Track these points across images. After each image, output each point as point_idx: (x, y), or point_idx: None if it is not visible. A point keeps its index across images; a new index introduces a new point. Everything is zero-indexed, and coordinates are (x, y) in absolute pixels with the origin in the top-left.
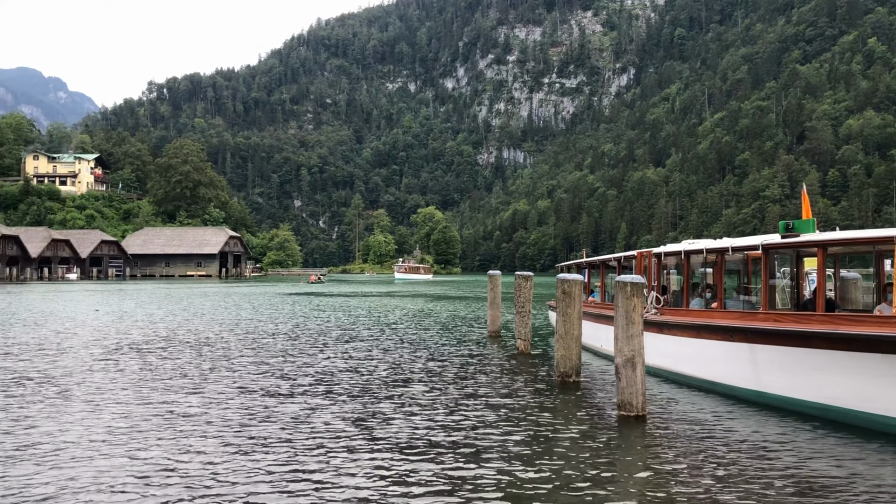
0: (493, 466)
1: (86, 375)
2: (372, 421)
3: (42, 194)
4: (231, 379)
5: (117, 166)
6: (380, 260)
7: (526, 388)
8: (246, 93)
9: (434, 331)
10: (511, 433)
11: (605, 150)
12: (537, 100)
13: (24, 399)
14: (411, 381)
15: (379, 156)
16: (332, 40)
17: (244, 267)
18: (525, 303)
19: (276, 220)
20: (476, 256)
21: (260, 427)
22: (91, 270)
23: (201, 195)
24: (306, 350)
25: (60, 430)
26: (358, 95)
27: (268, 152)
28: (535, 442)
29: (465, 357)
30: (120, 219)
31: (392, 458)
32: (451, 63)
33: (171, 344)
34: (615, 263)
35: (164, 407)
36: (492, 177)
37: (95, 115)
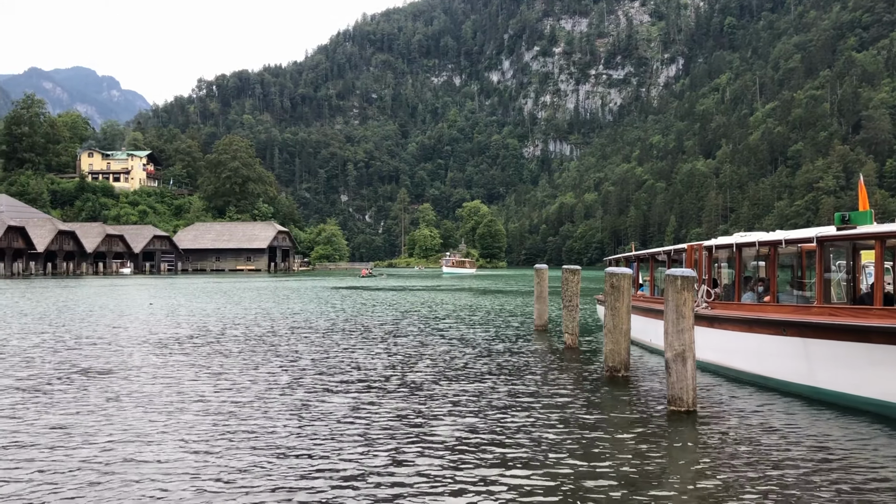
0: (541, 462)
1: (141, 368)
2: (419, 417)
3: (97, 191)
4: (281, 374)
5: (169, 163)
6: (425, 254)
7: (574, 383)
8: (293, 89)
9: (481, 325)
10: (559, 428)
11: (654, 141)
12: (584, 92)
13: (83, 392)
14: (458, 376)
15: (424, 150)
16: (377, 35)
17: (292, 261)
18: (572, 297)
19: (323, 215)
20: (522, 250)
21: (307, 423)
22: (144, 265)
23: (250, 190)
24: (356, 345)
25: (117, 424)
26: (403, 90)
27: (315, 148)
28: (583, 437)
29: (512, 351)
30: (171, 214)
31: (439, 454)
32: (497, 56)
33: (224, 338)
34: (664, 257)
35: (216, 401)
36: (538, 170)
37: (147, 113)
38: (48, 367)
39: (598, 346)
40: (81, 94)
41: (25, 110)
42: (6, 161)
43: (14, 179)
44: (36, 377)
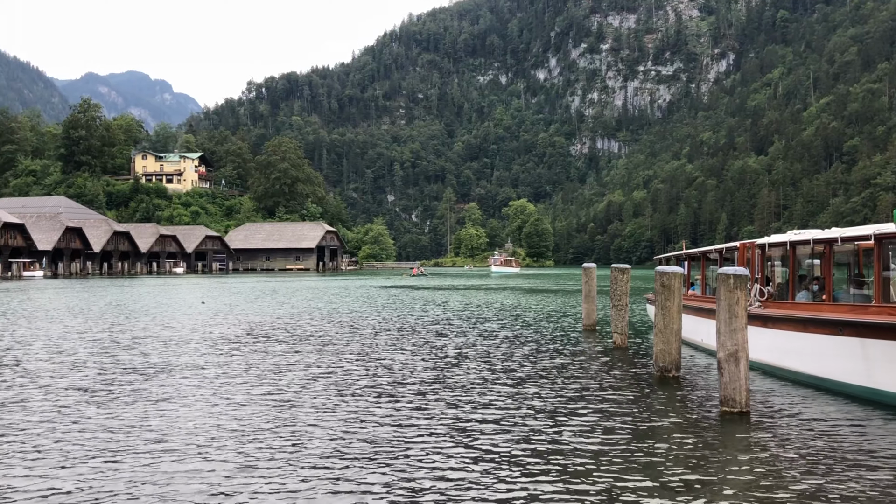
0: (590, 464)
1: (194, 367)
2: (467, 419)
3: (150, 192)
4: (330, 374)
5: (220, 164)
6: (471, 253)
7: (623, 383)
8: (340, 90)
9: (529, 325)
10: (608, 429)
11: (704, 138)
12: (632, 88)
13: (137, 391)
14: (507, 377)
15: (470, 149)
16: (423, 35)
17: (340, 260)
18: (622, 296)
19: (371, 215)
20: (569, 249)
21: (356, 424)
22: (196, 265)
23: (299, 191)
24: (405, 345)
25: (169, 422)
26: (449, 89)
27: (362, 148)
28: (634, 439)
29: (561, 351)
30: (223, 215)
31: (486, 457)
32: (543, 54)
33: (274, 337)
34: (716, 255)
35: (266, 400)
36: (585, 168)
37: (199, 116)
38: (104, 366)
39: (647, 346)
40: (135, 98)
41: (82, 114)
42: (64, 164)
43: (72, 182)
44: (92, 376)
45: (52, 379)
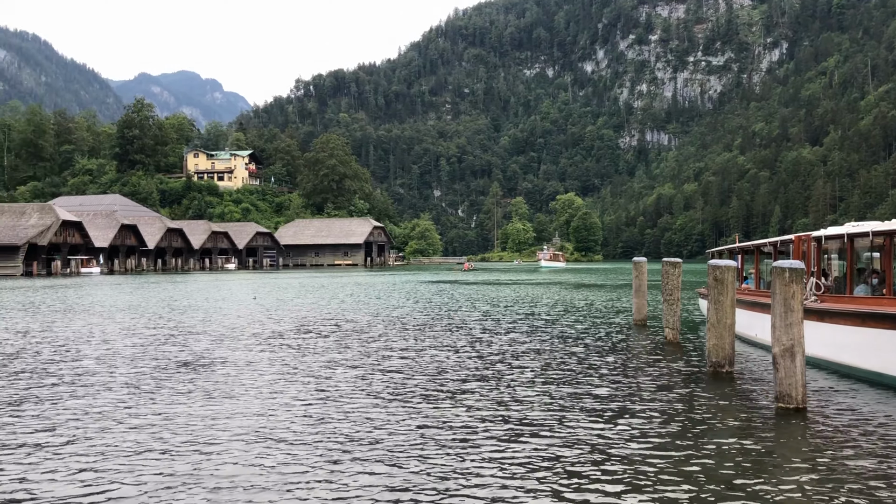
0: (642, 462)
1: (248, 361)
2: (516, 414)
3: (202, 189)
4: (378, 370)
5: (269, 162)
6: (518, 248)
7: (676, 379)
8: (387, 86)
9: (578, 320)
10: (661, 425)
11: (756, 129)
12: (682, 79)
13: (190, 385)
14: (556, 373)
15: (517, 143)
16: (469, 30)
17: (387, 256)
18: (673, 290)
19: (417, 210)
20: (618, 243)
21: (403, 421)
22: (247, 260)
23: (347, 187)
24: (454, 341)
25: (221, 415)
26: (495, 83)
27: (408, 144)
28: (687, 435)
29: (611, 347)
30: (273, 211)
31: (537, 452)
32: (591, 46)
33: (324, 332)
34: (770, 248)
35: (319, 396)
36: (634, 161)
37: (248, 114)
38: (159, 361)
39: (700, 341)
40: (187, 97)
41: (136, 114)
42: (119, 163)
43: (126, 180)
44: (147, 370)
45: (108, 373)
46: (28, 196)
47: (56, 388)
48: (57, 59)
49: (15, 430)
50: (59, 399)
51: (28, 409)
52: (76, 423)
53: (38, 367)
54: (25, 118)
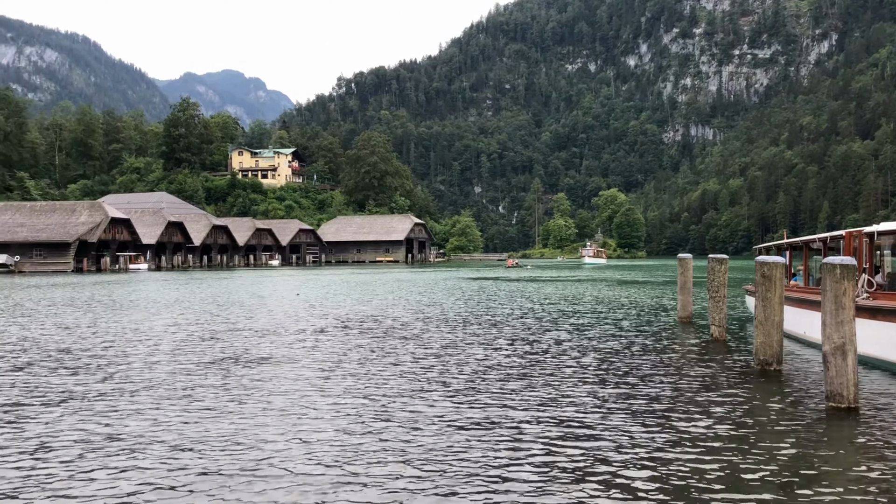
0: (687, 462)
1: (291, 357)
2: (560, 414)
3: (246, 187)
4: (421, 367)
5: (312, 159)
6: (560, 244)
7: (722, 377)
8: (428, 83)
9: (622, 317)
10: (707, 425)
11: (804, 123)
12: (727, 73)
13: (234, 379)
14: (600, 371)
15: (558, 139)
16: (510, 25)
17: (428, 252)
18: (719, 287)
19: (458, 207)
20: (662, 239)
21: (447, 421)
22: (291, 257)
23: (388, 184)
24: (496, 338)
25: (261, 413)
26: (537, 79)
27: (449, 140)
28: (734, 435)
29: (656, 344)
30: (315, 208)
31: (580, 451)
32: (633, 40)
33: (366, 328)
34: (820, 244)
35: (362, 393)
36: (678, 156)
37: (291, 112)
38: (205, 356)
39: (747, 338)
40: (231, 96)
41: (182, 113)
42: (166, 161)
43: (173, 178)
44: (193, 366)
45: (155, 368)
46: (78, 194)
47: (103, 385)
48: (106, 60)
49: (62, 426)
50: (106, 395)
51: (75, 404)
52: (122, 419)
53: (86, 363)
54: (76, 118)
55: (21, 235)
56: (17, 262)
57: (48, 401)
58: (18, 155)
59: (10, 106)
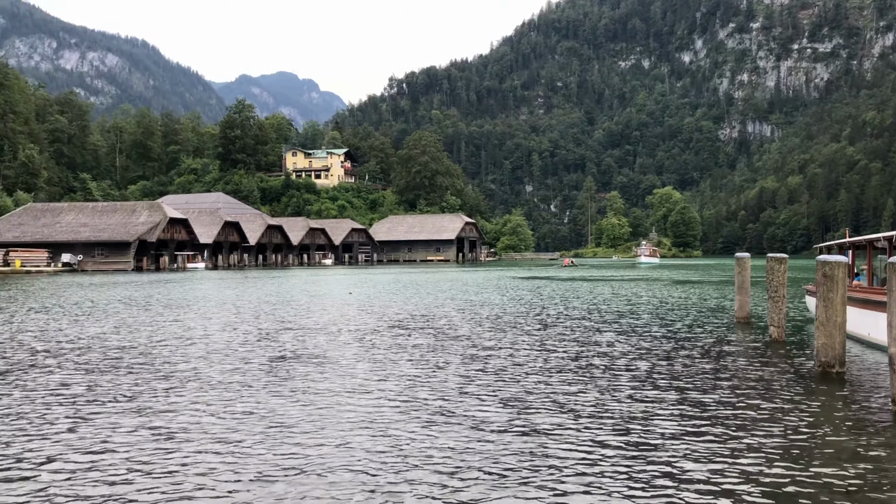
0: (745, 468)
1: (346, 356)
2: (615, 417)
3: (300, 187)
4: (478, 367)
5: (364, 159)
6: (613, 243)
7: (781, 379)
8: (479, 82)
9: (678, 316)
10: (767, 428)
11: (867, 118)
12: (785, 68)
13: (291, 378)
14: (656, 372)
15: (611, 136)
16: (562, 23)
17: (479, 251)
18: (778, 287)
19: (509, 206)
20: (718, 238)
21: (496, 424)
22: (343, 256)
23: (439, 184)
24: (550, 338)
25: (316, 411)
26: (589, 76)
27: (500, 139)
28: (795, 440)
29: (714, 345)
30: (367, 208)
31: (636, 455)
32: (688, 35)
33: (419, 328)
34: (885, 243)
35: (415, 396)
36: (735, 153)
37: (344, 113)
38: (261, 354)
39: (807, 340)
40: (285, 98)
41: (237, 115)
42: (222, 162)
43: (229, 178)
44: (247, 365)
45: (211, 366)
46: (138, 195)
47: (160, 384)
48: (164, 64)
49: (122, 424)
50: (163, 393)
51: (134, 403)
52: (176, 416)
53: (144, 361)
54: (135, 120)
55: (84, 235)
56: (81, 261)
57: (107, 398)
58: (81, 157)
59: (73, 109)
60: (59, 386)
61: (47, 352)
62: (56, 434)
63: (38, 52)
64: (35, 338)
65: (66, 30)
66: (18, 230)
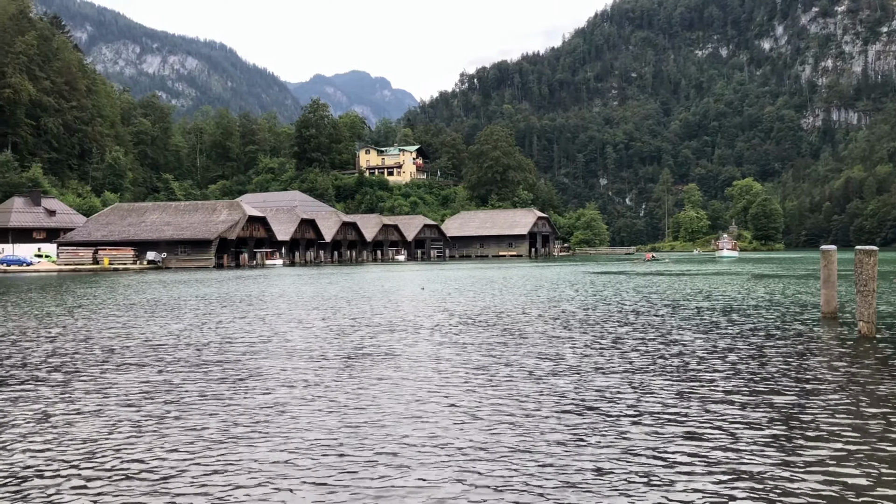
0: (837, 471)
1: (421, 353)
2: (694, 416)
3: (373, 184)
4: (547, 368)
5: (435, 156)
6: (691, 237)
7: (873, 376)
8: (551, 75)
9: (762, 312)
10: (858, 428)
11: None
12: (874, 52)
13: (367, 371)
14: (739, 368)
15: (688, 127)
16: (636, 12)
17: (552, 246)
18: (868, 280)
19: (582, 200)
20: (801, 231)
21: (572, 426)
22: (416, 252)
23: (510, 178)
24: (630, 337)
25: (388, 408)
26: (665, 66)
27: (573, 132)
28: (888, 440)
29: (797, 340)
30: (439, 204)
31: (718, 459)
32: (768, 22)
33: (495, 325)
34: None
35: (491, 396)
36: (818, 142)
37: (415, 110)
38: (336, 350)
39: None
40: (358, 96)
41: (312, 114)
42: (297, 160)
43: (304, 177)
44: (325, 361)
45: (291, 360)
46: (218, 194)
47: (238, 382)
48: (241, 65)
49: (202, 420)
50: (242, 391)
51: (211, 402)
52: (254, 412)
53: (223, 358)
54: (214, 122)
55: (167, 234)
56: (165, 258)
57: (190, 395)
58: (164, 158)
59: (156, 112)
60: (154, 383)
61: (142, 344)
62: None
63: (123, 58)
64: (119, 335)
65: (149, 35)
66: (106, 229)
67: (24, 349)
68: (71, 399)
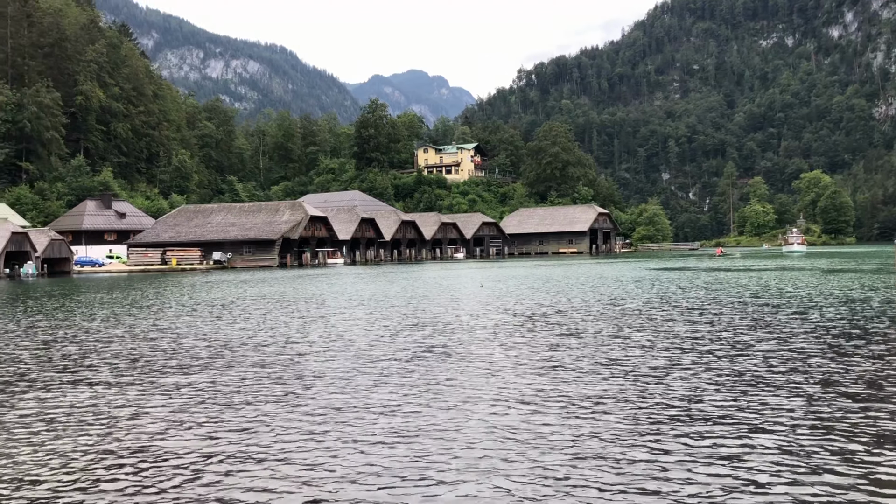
0: None
1: (481, 352)
2: (753, 420)
3: (432, 183)
4: (619, 370)
5: (493, 153)
6: (757, 231)
7: None
8: (610, 69)
9: (831, 306)
10: None
11: None
12: None
13: (427, 368)
14: (811, 362)
15: (753, 119)
16: (697, 3)
17: (613, 243)
18: None
19: (644, 195)
20: (874, 224)
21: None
22: (475, 250)
23: (570, 174)
24: (700, 338)
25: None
26: (728, 57)
27: (633, 127)
28: None
29: (874, 336)
30: (497, 201)
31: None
32: (837, 8)
33: (558, 325)
34: None
35: (551, 397)
36: (891, 132)
37: (473, 108)
38: (397, 349)
39: None
40: (415, 95)
41: (371, 114)
42: (357, 160)
43: (364, 176)
44: (386, 361)
45: (353, 359)
46: (280, 195)
47: (301, 382)
48: (301, 68)
49: (267, 421)
50: (305, 391)
51: (280, 402)
52: (316, 412)
53: (280, 358)
54: (276, 124)
55: (232, 234)
56: (230, 258)
57: (252, 395)
58: (228, 160)
59: (220, 115)
60: (226, 382)
61: (223, 344)
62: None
63: (188, 63)
64: (188, 335)
65: (212, 40)
66: (174, 230)
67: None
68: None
